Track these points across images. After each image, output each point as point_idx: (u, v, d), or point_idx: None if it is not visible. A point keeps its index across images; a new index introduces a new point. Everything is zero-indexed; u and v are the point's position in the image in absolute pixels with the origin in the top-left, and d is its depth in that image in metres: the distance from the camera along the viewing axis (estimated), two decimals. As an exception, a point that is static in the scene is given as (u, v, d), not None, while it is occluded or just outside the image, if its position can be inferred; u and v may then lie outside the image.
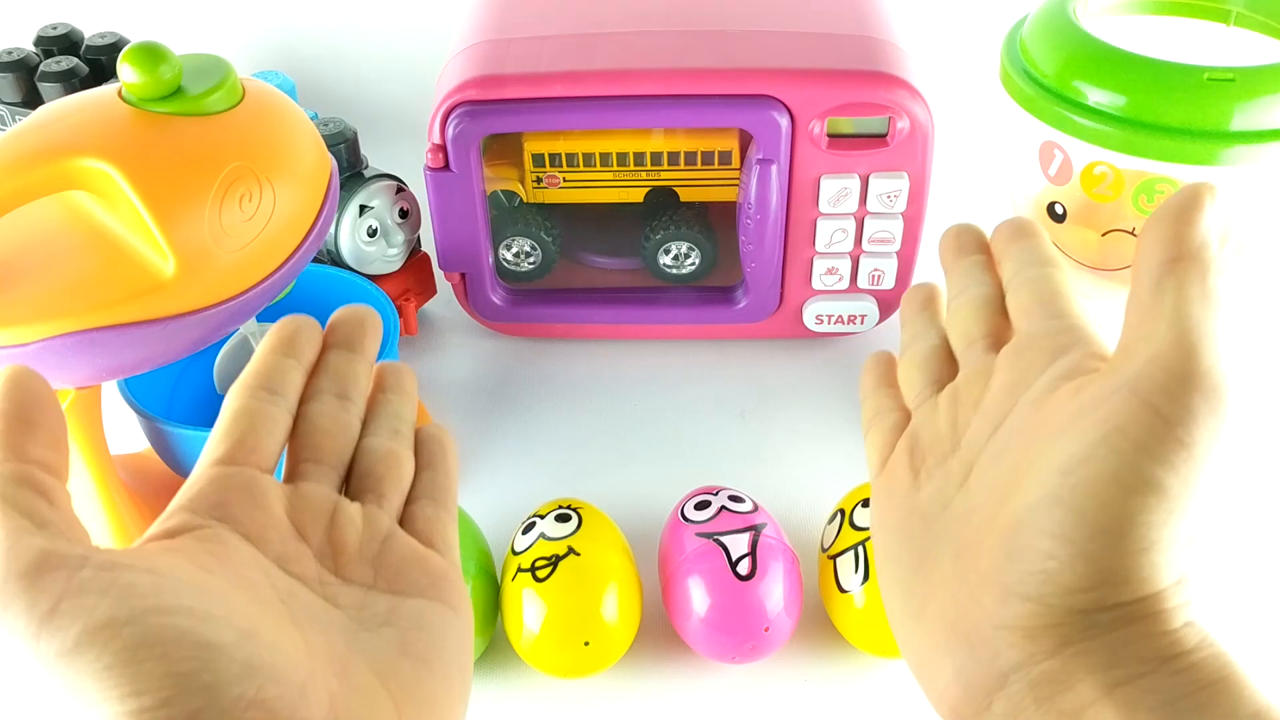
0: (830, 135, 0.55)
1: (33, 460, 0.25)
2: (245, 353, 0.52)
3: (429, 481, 0.34)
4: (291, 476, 0.32)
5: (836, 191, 0.56)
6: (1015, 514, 0.27)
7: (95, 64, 0.73)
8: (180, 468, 0.50)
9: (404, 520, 0.33)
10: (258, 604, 0.27)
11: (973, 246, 0.36)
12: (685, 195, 0.63)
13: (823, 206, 0.57)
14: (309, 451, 0.32)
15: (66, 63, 0.70)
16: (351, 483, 0.33)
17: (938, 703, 0.29)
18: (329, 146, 0.55)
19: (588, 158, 0.60)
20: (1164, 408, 0.25)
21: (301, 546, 0.30)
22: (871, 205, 0.57)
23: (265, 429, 0.31)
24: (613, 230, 0.68)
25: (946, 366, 0.35)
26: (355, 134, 0.61)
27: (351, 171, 0.61)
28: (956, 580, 0.29)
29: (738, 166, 0.60)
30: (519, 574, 0.45)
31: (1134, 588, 0.26)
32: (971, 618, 0.28)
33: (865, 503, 0.47)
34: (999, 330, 0.34)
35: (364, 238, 0.61)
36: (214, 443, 0.30)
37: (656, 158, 0.60)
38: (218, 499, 0.29)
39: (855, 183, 0.56)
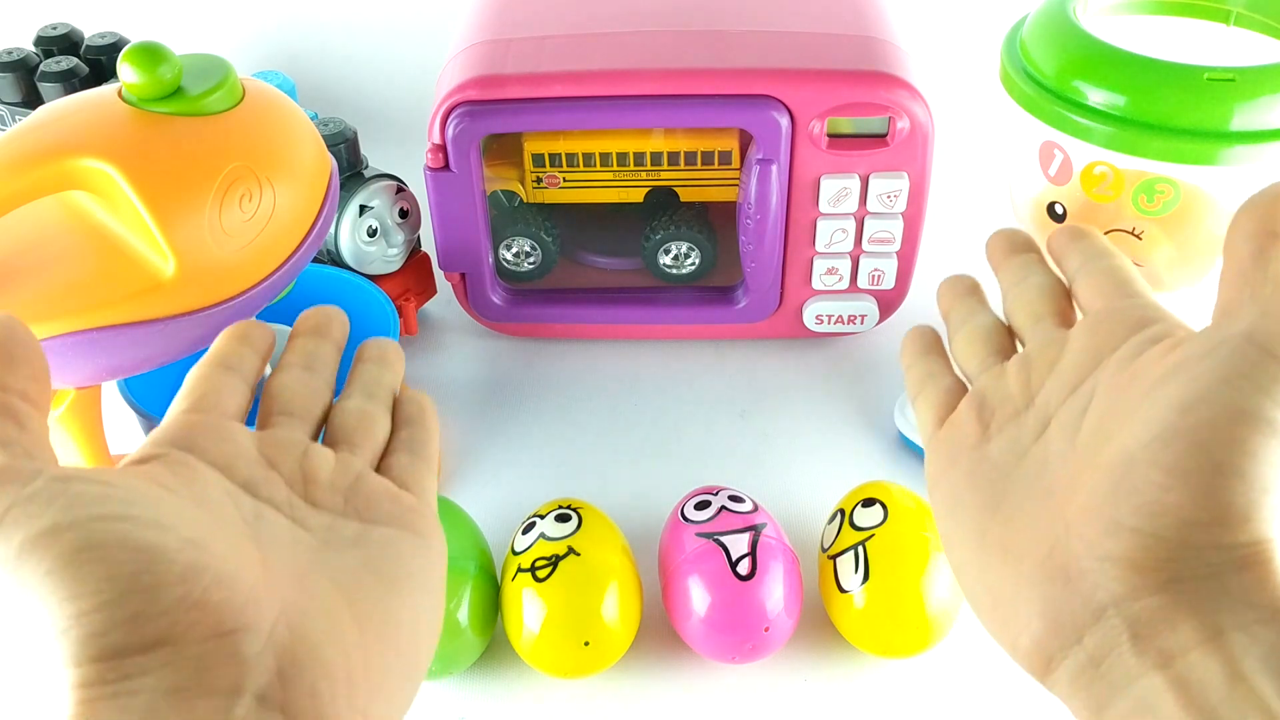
0: (830, 135, 0.55)
1: (10, 389, 0.26)
2: (245, 353, 0.52)
3: (407, 437, 0.35)
4: (263, 427, 0.33)
5: (836, 191, 0.56)
6: (1123, 451, 0.27)
7: (95, 64, 0.73)
8: (180, 468, 0.50)
9: (380, 469, 0.34)
10: (214, 518, 0.27)
11: (1024, 245, 0.39)
12: (685, 195, 0.63)
13: (823, 206, 0.57)
14: (279, 405, 0.33)
15: (66, 63, 0.70)
16: (325, 437, 0.34)
17: (1016, 639, 0.29)
18: (329, 146, 0.55)
19: (588, 158, 0.60)
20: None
21: (272, 474, 0.30)
22: (871, 205, 0.57)
23: (226, 391, 0.32)
24: (613, 230, 0.68)
25: (1007, 340, 0.37)
26: (355, 134, 0.61)
27: (351, 171, 0.61)
28: (1049, 517, 0.29)
29: (738, 166, 0.60)
30: (519, 574, 0.45)
31: (1251, 528, 0.25)
32: (1069, 551, 0.28)
33: (865, 502, 0.47)
34: (1065, 311, 0.35)
35: (364, 238, 0.61)
36: (176, 401, 0.31)
37: (656, 158, 0.60)
38: (185, 434, 0.30)
39: (855, 183, 0.56)
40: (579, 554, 0.45)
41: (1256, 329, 0.27)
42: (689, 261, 0.65)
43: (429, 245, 0.64)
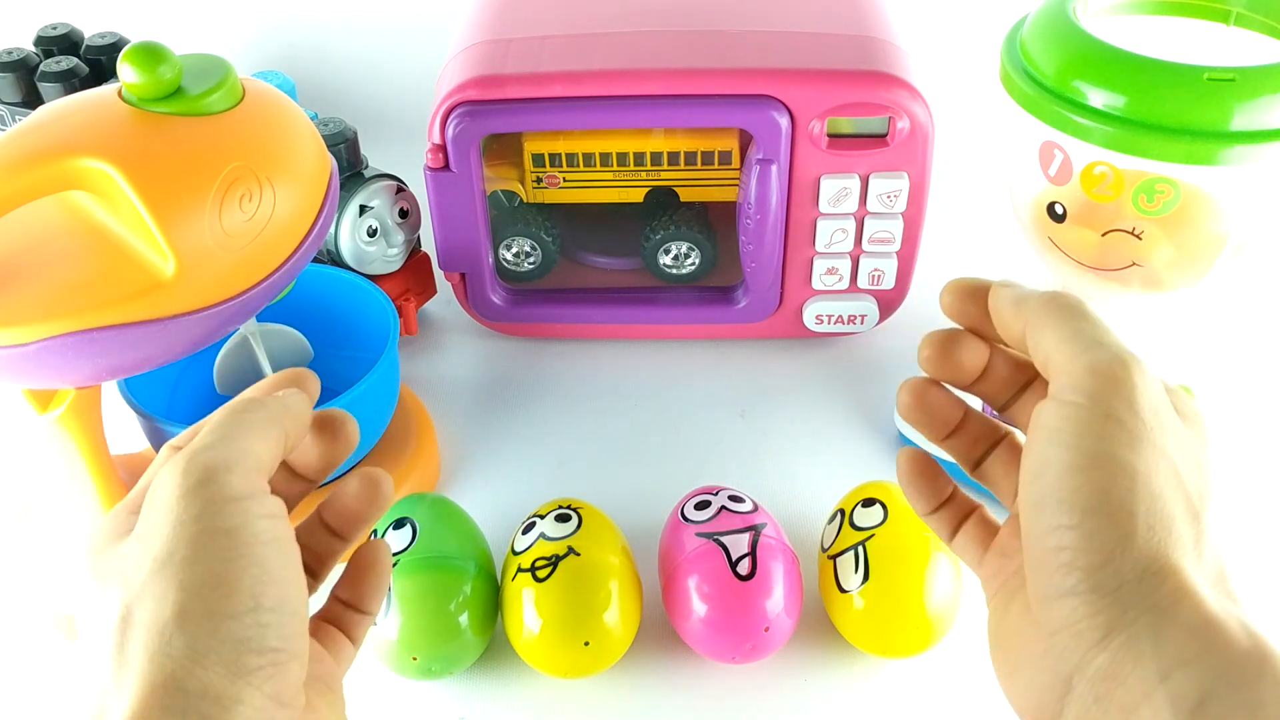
0: (830, 135, 0.55)
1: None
2: (245, 353, 0.52)
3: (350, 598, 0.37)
4: None
5: (836, 191, 0.56)
6: (1025, 533, 0.30)
7: (95, 64, 0.73)
8: (180, 468, 0.50)
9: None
10: None
11: (970, 369, 0.36)
12: (685, 195, 0.63)
13: (823, 206, 0.57)
14: None
15: (66, 63, 0.70)
16: None
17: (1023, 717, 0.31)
18: (329, 146, 0.55)
19: (588, 158, 0.60)
20: (1076, 399, 0.29)
21: None
22: (871, 205, 0.57)
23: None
24: (613, 230, 0.68)
25: None
26: (355, 134, 0.61)
27: (351, 171, 0.61)
28: (1020, 614, 0.32)
29: (738, 166, 0.60)
30: (519, 574, 0.45)
31: (1145, 553, 0.28)
32: (1033, 636, 0.30)
33: (865, 502, 0.47)
34: None
35: (364, 238, 0.61)
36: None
37: (656, 158, 0.60)
38: None
39: (855, 183, 0.56)
40: (579, 554, 0.45)
41: (1054, 391, 0.30)
42: (689, 261, 0.65)
43: (429, 245, 0.64)
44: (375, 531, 0.47)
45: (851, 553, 0.45)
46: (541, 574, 0.44)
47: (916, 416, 0.36)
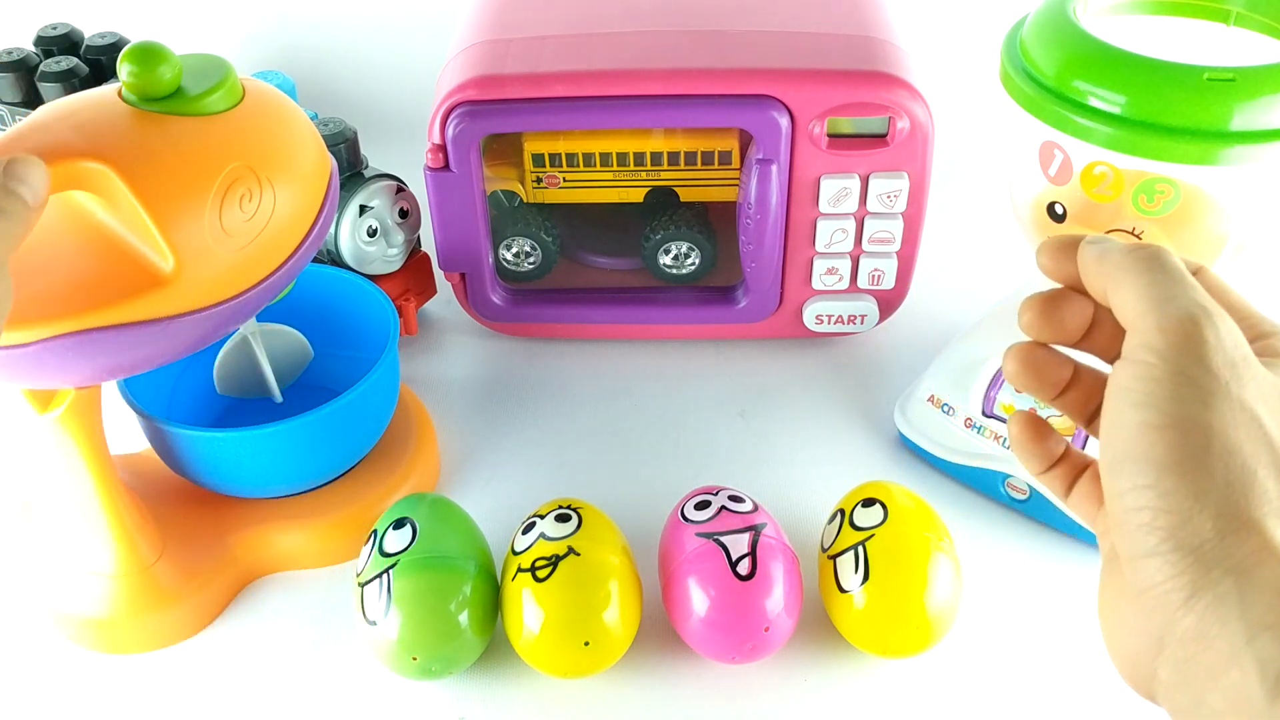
0: (830, 135, 0.55)
1: None
2: (245, 353, 0.52)
3: None
4: None
5: (836, 191, 0.56)
6: (1106, 499, 0.30)
7: (95, 64, 0.73)
8: (180, 468, 0.50)
9: None
10: None
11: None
12: (685, 195, 0.63)
13: (823, 206, 0.57)
14: None
15: (66, 63, 0.70)
16: None
17: (1126, 680, 0.32)
18: (329, 146, 0.55)
19: (588, 158, 0.60)
20: (1146, 357, 0.29)
21: None
22: (871, 205, 0.57)
23: None
24: (613, 230, 0.68)
25: None
26: (355, 134, 0.61)
27: (351, 171, 0.61)
28: (1119, 574, 0.31)
29: (738, 166, 0.60)
30: (519, 574, 0.45)
31: (1224, 511, 0.27)
32: (1127, 599, 0.30)
33: (865, 502, 0.47)
34: None
35: (364, 238, 0.61)
36: None
37: (656, 158, 0.60)
38: None
39: (855, 183, 0.56)
40: (579, 554, 0.45)
41: (1127, 350, 0.30)
42: (689, 261, 0.65)
43: (429, 245, 0.64)
44: (375, 532, 0.47)
45: (851, 553, 0.45)
46: (541, 574, 0.44)
47: (1026, 381, 0.35)
